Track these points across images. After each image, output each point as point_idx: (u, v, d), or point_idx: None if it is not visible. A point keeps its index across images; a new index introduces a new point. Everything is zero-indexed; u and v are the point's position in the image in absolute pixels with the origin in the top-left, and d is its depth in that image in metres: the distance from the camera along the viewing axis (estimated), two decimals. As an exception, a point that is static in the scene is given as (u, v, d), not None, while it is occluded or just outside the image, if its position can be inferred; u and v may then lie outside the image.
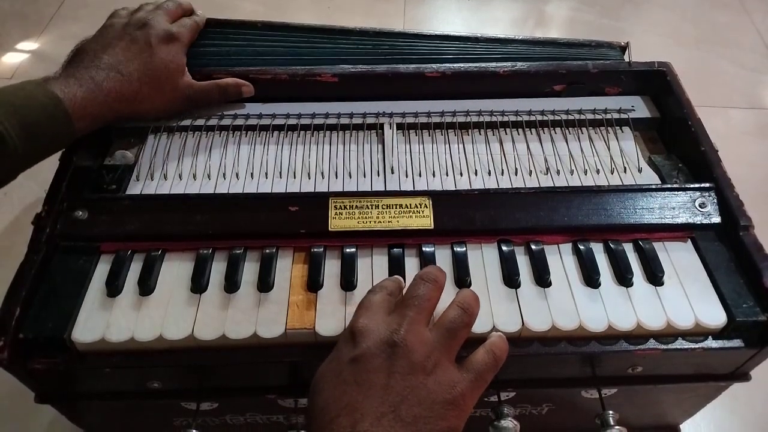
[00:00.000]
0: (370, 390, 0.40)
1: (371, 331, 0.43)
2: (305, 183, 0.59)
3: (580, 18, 1.31)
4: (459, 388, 0.41)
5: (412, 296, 0.45)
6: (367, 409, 0.39)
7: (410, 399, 0.39)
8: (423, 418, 0.39)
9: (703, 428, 0.75)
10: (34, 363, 0.48)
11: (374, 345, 0.42)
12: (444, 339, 0.43)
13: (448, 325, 0.44)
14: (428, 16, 1.30)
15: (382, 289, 0.47)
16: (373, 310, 0.45)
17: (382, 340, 0.42)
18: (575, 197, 0.56)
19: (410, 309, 0.44)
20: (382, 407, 0.39)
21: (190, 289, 0.51)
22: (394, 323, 0.43)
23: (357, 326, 0.43)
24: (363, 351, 0.41)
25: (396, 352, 0.41)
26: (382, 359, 0.41)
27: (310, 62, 0.67)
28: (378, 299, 0.46)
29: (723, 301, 0.51)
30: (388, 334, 0.42)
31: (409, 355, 0.41)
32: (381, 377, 0.40)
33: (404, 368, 0.41)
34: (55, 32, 1.24)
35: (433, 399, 0.40)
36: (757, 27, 1.29)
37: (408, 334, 0.42)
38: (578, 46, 0.70)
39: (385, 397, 0.39)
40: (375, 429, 0.38)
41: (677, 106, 0.63)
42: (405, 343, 0.41)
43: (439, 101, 0.66)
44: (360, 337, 0.42)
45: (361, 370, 0.41)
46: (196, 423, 0.55)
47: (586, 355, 0.50)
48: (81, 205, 0.54)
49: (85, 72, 0.55)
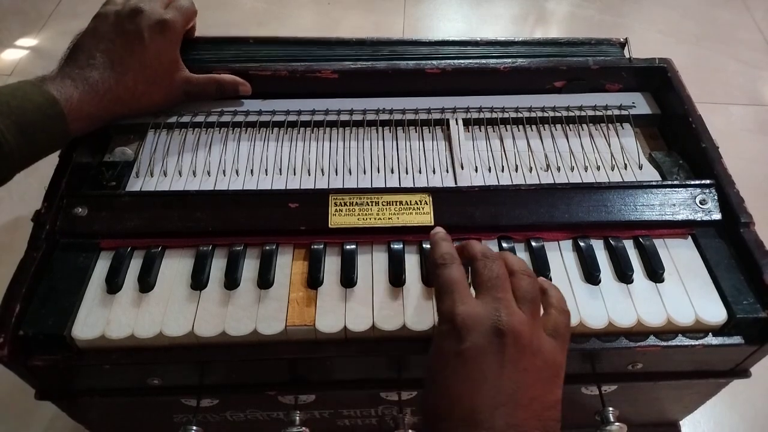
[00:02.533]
0: (486, 382, 0.39)
1: (474, 320, 0.41)
2: (305, 180, 0.59)
3: (580, 14, 1.31)
4: (559, 358, 0.42)
5: (491, 277, 0.44)
6: (484, 400, 0.39)
7: (525, 383, 0.40)
8: (538, 399, 0.39)
9: (702, 425, 0.75)
10: (34, 360, 0.48)
11: (481, 337, 0.40)
12: (533, 311, 0.43)
13: (529, 295, 0.44)
14: (428, 13, 1.30)
15: (452, 260, 0.45)
16: (460, 292, 0.43)
17: (489, 331, 0.41)
18: (576, 194, 0.56)
19: (498, 291, 0.43)
20: (499, 397, 0.39)
21: (190, 286, 0.51)
22: (493, 309, 0.42)
23: (458, 318, 0.41)
24: (470, 345, 0.40)
25: (505, 342, 0.40)
26: (492, 352, 0.40)
27: (309, 61, 0.66)
28: (457, 275, 0.44)
29: (723, 297, 0.51)
30: (492, 323, 0.41)
31: (517, 341, 0.40)
32: (494, 368, 0.40)
33: (515, 356, 0.40)
34: (55, 29, 1.24)
35: (543, 377, 0.41)
36: (757, 23, 1.28)
37: (510, 319, 0.41)
38: (578, 44, 0.70)
39: (500, 387, 0.39)
40: (495, 418, 0.38)
41: (678, 102, 0.63)
42: (511, 329, 0.40)
43: (440, 98, 0.66)
44: (464, 330, 0.41)
45: (473, 364, 0.40)
46: (197, 419, 0.56)
47: (586, 351, 0.50)
48: (81, 201, 0.54)
49: (81, 72, 0.54)
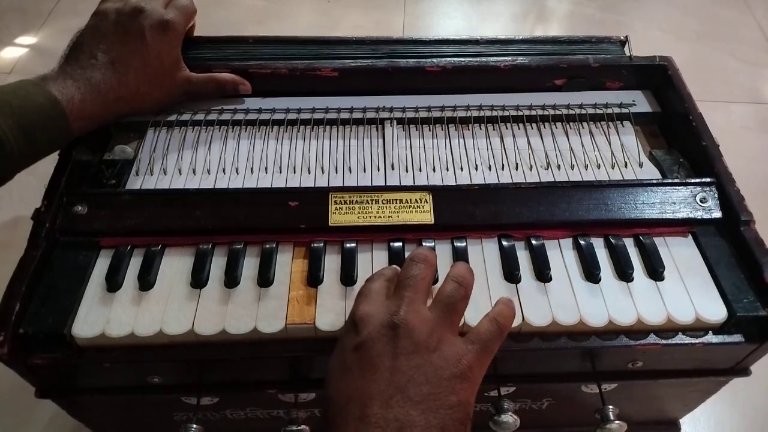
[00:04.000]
0: (376, 374, 0.40)
1: (371, 316, 0.43)
2: (305, 178, 0.59)
3: (580, 12, 1.30)
4: (465, 360, 0.41)
5: (406, 277, 0.45)
6: (374, 394, 0.39)
7: (417, 378, 0.39)
8: (432, 395, 0.39)
9: (702, 423, 0.76)
10: (35, 358, 0.48)
11: (375, 330, 0.42)
12: (444, 314, 0.43)
13: (446, 299, 0.44)
14: (428, 10, 1.30)
15: (380, 277, 0.47)
16: (371, 296, 0.45)
17: (383, 324, 0.42)
18: (576, 192, 0.56)
19: (406, 290, 0.44)
20: (389, 389, 0.39)
21: (190, 284, 0.51)
22: (393, 306, 0.43)
23: (357, 314, 0.43)
24: (365, 337, 0.41)
25: (398, 334, 0.41)
26: (384, 342, 0.41)
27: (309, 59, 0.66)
28: (376, 286, 0.46)
29: (723, 296, 0.51)
30: (388, 317, 0.42)
31: (412, 335, 0.41)
32: (386, 360, 0.40)
33: (408, 348, 0.40)
34: (54, 26, 1.24)
35: (440, 375, 0.40)
36: (758, 21, 1.28)
37: (408, 315, 0.42)
38: (579, 42, 0.70)
39: (391, 379, 0.39)
40: (384, 412, 0.38)
41: (678, 100, 0.63)
42: (406, 324, 0.41)
43: (440, 96, 0.65)
44: (361, 324, 0.42)
45: (365, 356, 0.41)
46: (197, 418, 0.55)
47: (586, 350, 0.50)
48: (80, 199, 0.54)
49: (82, 72, 0.54)
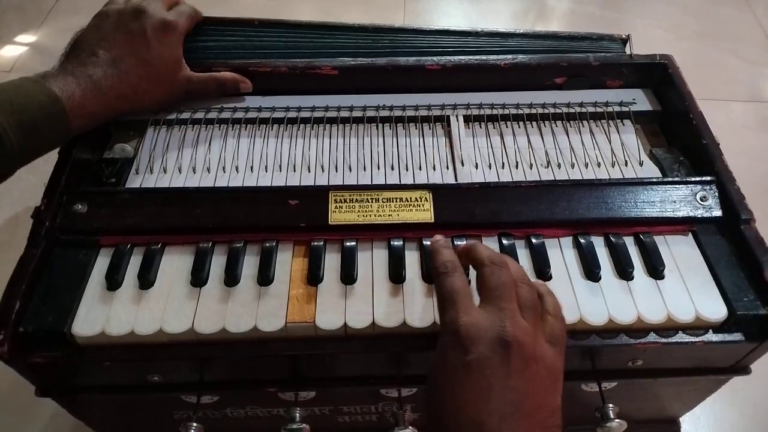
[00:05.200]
0: (491, 393, 0.39)
1: (478, 331, 0.41)
2: (305, 176, 0.59)
3: (581, 10, 1.30)
4: (558, 365, 0.42)
5: (498, 285, 0.43)
6: (491, 411, 0.39)
7: (529, 392, 0.40)
8: (542, 407, 0.40)
9: (702, 421, 0.76)
10: (35, 357, 0.48)
11: (486, 348, 0.40)
12: (534, 321, 0.43)
13: (530, 304, 0.44)
14: (428, 8, 1.30)
15: (454, 269, 0.45)
16: (463, 301, 0.43)
17: (494, 341, 0.40)
18: (576, 191, 0.55)
19: (503, 300, 0.43)
20: (504, 407, 0.39)
21: (190, 283, 0.51)
22: (497, 319, 0.41)
23: (462, 328, 0.41)
24: (476, 357, 0.40)
25: (510, 353, 0.40)
26: (497, 362, 0.40)
27: (309, 56, 0.66)
28: (459, 284, 0.44)
29: (723, 294, 0.51)
30: (496, 334, 0.41)
31: (522, 352, 0.40)
32: (500, 379, 0.40)
33: (520, 365, 0.40)
34: (54, 25, 1.24)
35: (545, 386, 0.41)
36: (759, 20, 1.28)
37: (515, 330, 0.41)
38: (579, 39, 0.70)
39: (505, 397, 0.39)
40: (500, 429, 0.38)
41: (679, 99, 0.63)
42: (515, 340, 0.40)
43: (440, 94, 0.65)
44: (469, 341, 0.41)
45: (479, 376, 0.40)
46: (197, 416, 0.55)
47: (586, 348, 0.50)
48: (80, 198, 0.54)
49: (83, 69, 0.54)
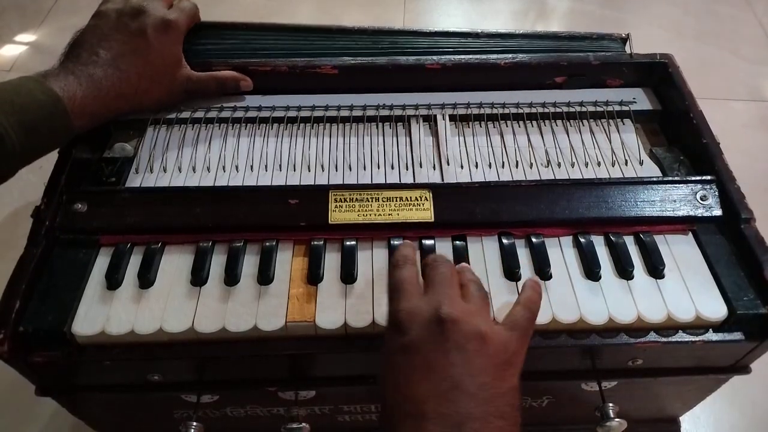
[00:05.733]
0: (430, 372, 0.39)
1: (414, 314, 0.42)
2: (305, 176, 0.59)
3: (581, 9, 1.30)
4: (511, 347, 0.42)
5: (437, 274, 0.44)
6: (430, 390, 0.38)
7: (471, 369, 0.39)
8: (486, 385, 0.39)
9: (702, 420, 0.76)
10: (35, 356, 0.48)
11: (422, 328, 0.41)
12: (481, 304, 0.43)
13: (477, 293, 0.44)
14: (428, 8, 1.30)
15: (405, 261, 0.46)
16: (407, 290, 0.44)
17: (430, 321, 0.41)
18: (576, 190, 0.55)
19: (442, 285, 0.43)
20: (444, 385, 0.39)
21: (190, 282, 0.51)
22: (434, 301, 0.42)
23: (400, 313, 0.42)
24: (413, 336, 0.41)
25: (445, 329, 0.40)
26: (433, 340, 0.40)
27: (309, 56, 0.66)
28: (406, 275, 0.45)
29: (724, 293, 0.51)
30: (433, 313, 0.41)
31: (460, 327, 0.40)
32: (437, 356, 0.40)
33: (459, 341, 0.40)
34: (54, 24, 1.24)
35: (491, 364, 0.40)
36: (759, 19, 1.28)
37: (452, 308, 0.41)
38: (579, 39, 0.70)
39: (444, 374, 0.39)
40: (441, 407, 0.38)
41: (679, 98, 0.63)
42: (451, 317, 0.40)
43: (440, 93, 0.65)
44: (406, 323, 0.41)
45: (416, 355, 0.40)
46: (197, 415, 0.56)
47: (586, 347, 0.50)
48: (80, 197, 0.54)
49: (84, 69, 0.54)
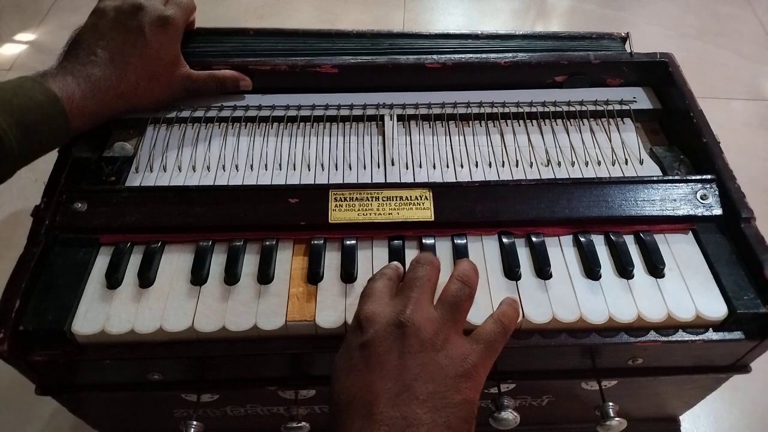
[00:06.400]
0: (382, 372, 0.40)
1: (377, 315, 0.43)
2: (305, 175, 0.59)
3: (581, 8, 1.30)
4: (470, 360, 0.41)
5: (412, 278, 0.45)
6: (381, 392, 0.39)
7: (423, 376, 0.40)
8: (438, 394, 0.39)
9: (702, 419, 0.76)
10: (35, 355, 0.48)
11: (382, 328, 0.42)
12: (449, 314, 0.43)
13: (451, 299, 0.44)
14: (429, 6, 1.30)
15: (382, 276, 0.47)
16: (376, 296, 0.45)
17: (390, 323, 0.42)
18: (576, 189, 0.55)
19: (413, 290, 0.44)
20: (395, 387, 0.39)
21: (190, 281, 0.51)
22: (399, 305, 0.43)
23: (363, 313, 0.43)
24: (371, 336, 0.41)
25: (405, 332, 0.41)
26: (391, 341, 0.41)
27: (309, 55, 0.66)
28: (380, 285, 0.46)
29: (724, 293, 0.51)
30: (395, 316, 0.42)
31: (418, 334, 0.41)
32: (392, 358, 0.40)
33: (414, 347, 0.41)
34: (54, 23, 1.24)
35: (445, 374, 0.40)
36: (759, 18, 1.28)
37: (414, 314, 0.42)
38: (580, 38, 0.70)
39: (397, 377, 0.39)
40: (390, 410, 0.38)
41: (679, 97, 0.63)
42: (412, 322, 0.41)
43: (440, 92, 0.65)
44: (367, 323, 0.42)
45: (372, 354, 0.41)
46: (197, 414, 0.56)
47: (586, 347, 0.50)
48: (80, 197, 0.54)
49: (83, 69, 0.54)
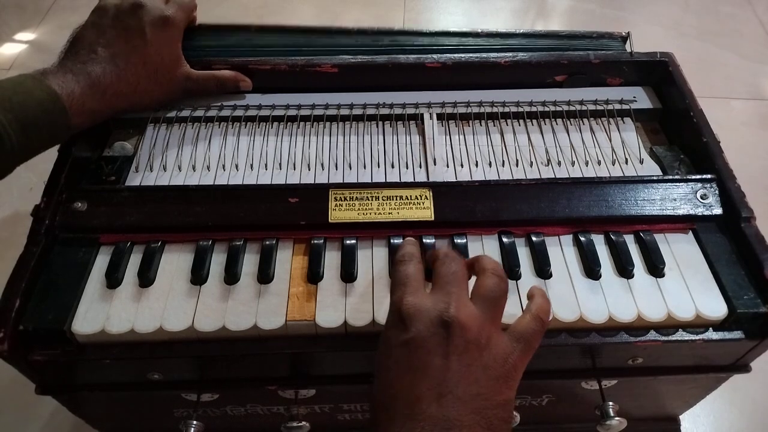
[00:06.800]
0: (426, 372, 0.39)
1: (420, 311, 0.41)
2: (305, 174, 0.59)
3: (581, 8, 1.30)
4: (512, 359, 0.41)
5: (448, 272, 0.44)
6: (424, 391, 0.38)
7: (467, 377, 0.39)
8: (481, 396, 0.39)
9: (702, 419, 0.76)
10: (35, 354, 0.48)
11: (426, 327, 0.40)
12: (490, 310, 0.42)
13: (490, 294, 0.43)
14: (429, 6, 1.30)
15: (412, 258, 0.46)
16: (412, 285, 0.43)
17: (434, 321, 0.40)
18: (576, 189, 0.55)
19: (452, 285, 0.43)
20: (439, 388, 0.38)
21: (190, 281, 0.51)
22: (441, 302, 0.41)
23: (404, 307, 0.42)
24: (415, 334, 0.40)
25: (450, 332, 0.40)
26: (436, 341, 0.40)
27: (309, 55, 0.66)
28: (412, 270, 0.45)
29: (724, 292, 0.51)
30: (438, 314, 0.40)
31: (464, 333, 0.40)
32: (437, 359, 0.39)
33: (460, 347, 0.40)
34: (54, 22, 1.24)
35: (489, 375, 0.40)
36: (759, 17, 1.28)
37: (458, 311, 0.40)
38: (580, 37, 0.70)
39: (442, 378, 0.39)
40: (433, 410, 0.37)
41: (679, 96, 0.63)
42: (458, 321, 0.40)
43: (440, 92, 0.65)
44: (410, 319, 0.41)
45: (416, 353, 0.40)
46: (197, 414, 0.56)
47: (586, 346, 0.50)
48: (80, 196, 0.54)
49: (83, 67, 0.54)
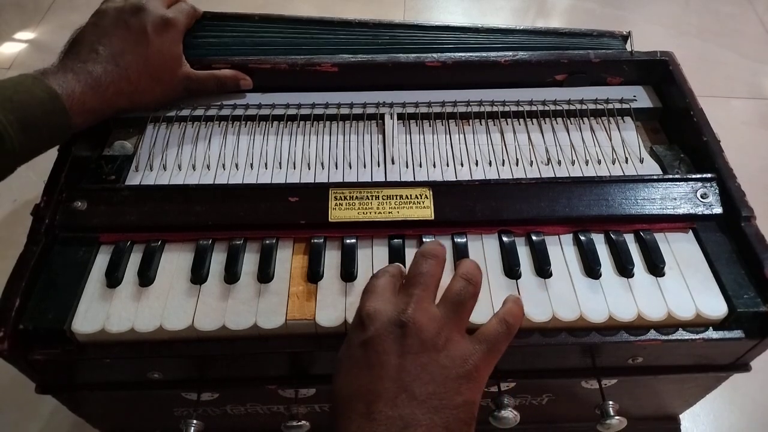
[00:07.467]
0: (383, 371, 0.40)
1: (379, 312, 0.42)
2: (305, 173, 0.59)
3: (581, 7, 1.30)
4: (472, 360, 0.41)
5: (415, 274, 0.45)
6: (380, 391, 0.39)
7: (423, 377, 0.39)
8: (437, 395, 0.39)
9: (702, 418, 0.76)
10: (35, 354, 0.48)
11: (383, 326, 0.41)
12: (452, 313, 0.43)
13: (455, 298, 0.44)
14: (429, 5, 1.30)
15: (385, 273, 0.47)
16: (378, 292, 0.44)
17: (391, 321, 0.41)
18: (576, 188, 0.55)
19: (415, 287, 0.44)
20: (395, 388, 0.39)
21: (190, 280, 0.51)
22: (401, 303, 0.42)
23: (365, 310, 0.43)
24: (372, 334, 0.41)
25: (406, 332, 0.41)
26: (391, 340, 0.41)
27: (309, 52, 0.66)
28: (382, 282, 0.46)
29: (724, 291, 0.51)
30: (396, 315, 0.41)
31: (419, 333, 0.41)
32: (392, 358, 0.40)
33: (415, 347, 0.40)
34: (54, 22, 1.23)
35: (446, 375, 0.40)
36: (759, 17, 1.28)
37: (416, 313, 0.41)
38: (580, 35, 0.70)
39: (397, 377, 0.39)
40: (389, 410, 0.38)
41: (679, 96, 0.63)
42: (414, 322, 0.41)
43: (440, 91, 0.65)
44: (368, 320, 0.42)
45: (372, 352, 0.41)
46: (197, 413, 0.56)
47: (586, 345, 0.50)
48: (80, 195, 0.54)
49: (83, 66, 0.54)
